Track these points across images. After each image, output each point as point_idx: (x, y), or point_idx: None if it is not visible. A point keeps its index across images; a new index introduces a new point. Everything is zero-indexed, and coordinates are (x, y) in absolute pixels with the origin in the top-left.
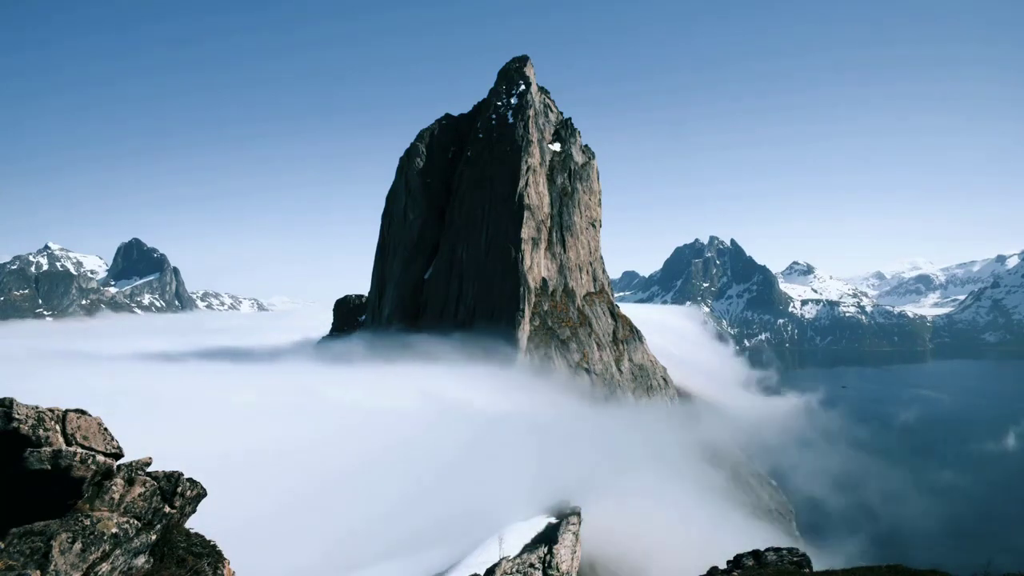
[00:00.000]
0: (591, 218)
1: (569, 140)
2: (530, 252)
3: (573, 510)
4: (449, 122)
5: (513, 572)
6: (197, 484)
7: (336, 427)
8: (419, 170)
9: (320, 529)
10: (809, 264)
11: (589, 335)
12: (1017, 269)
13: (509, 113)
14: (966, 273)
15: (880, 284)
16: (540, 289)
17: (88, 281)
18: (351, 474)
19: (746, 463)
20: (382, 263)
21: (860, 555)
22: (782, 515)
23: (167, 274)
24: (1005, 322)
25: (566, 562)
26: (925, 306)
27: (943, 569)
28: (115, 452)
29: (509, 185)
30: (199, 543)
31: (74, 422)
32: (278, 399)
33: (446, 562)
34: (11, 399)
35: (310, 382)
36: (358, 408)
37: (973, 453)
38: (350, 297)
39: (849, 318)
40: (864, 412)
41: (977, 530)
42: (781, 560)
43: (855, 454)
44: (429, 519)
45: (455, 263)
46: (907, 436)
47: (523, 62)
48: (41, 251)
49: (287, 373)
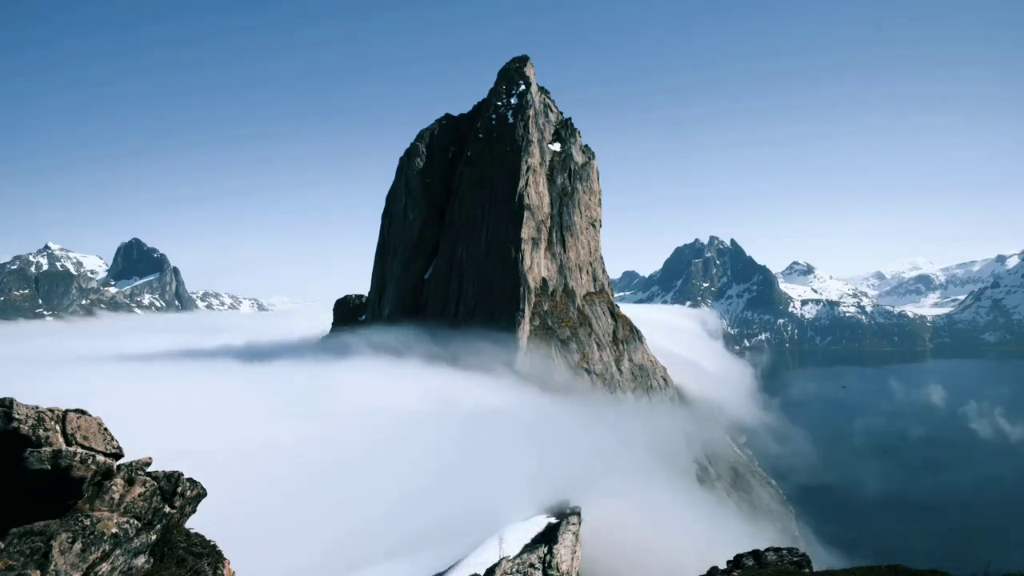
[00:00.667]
0: (591, 218)
1: (569, 140)
2: (530, 252)
3: (573, 510)
4: (449, 122)
5: (513, 572)
6: (197, 484)
7: (336, 427)
8: (419, 170)
9: (320, 529)
10: (809, 264)
11: (589, 335)
12: (1017, 269)
13: (509, 113)
14: (966, 273)
15: (880, 284)
16: (540, 289)
17: (88, 281)
18: (351, 474)
19: (746, 463)
20: (382, 263)
21: (860, 555)
22: (782, 515)
23: (167, 274)
24: (1005, 322)
25: (566, 562)
26: (925, 306)
27: (943, 569)
28: (115, 452)
29: (509, 185)
30: (199, 543)
31: (74, 422)
32: (278, 400)
33: (446, 562)
34: (11, 399)
35: (310, 383)
36: (358, 408)
37: (973, 453)
38: (350, 297)
39: (849, 318)
40: (864, 412)
41: (977, 530)
42: (781, 560)
43: (855, 454)
44: (429, 519)
45: (455, 263)
46: (907, 436)
47: (523, 62)
48: (41, 251)
49: (287, 374)
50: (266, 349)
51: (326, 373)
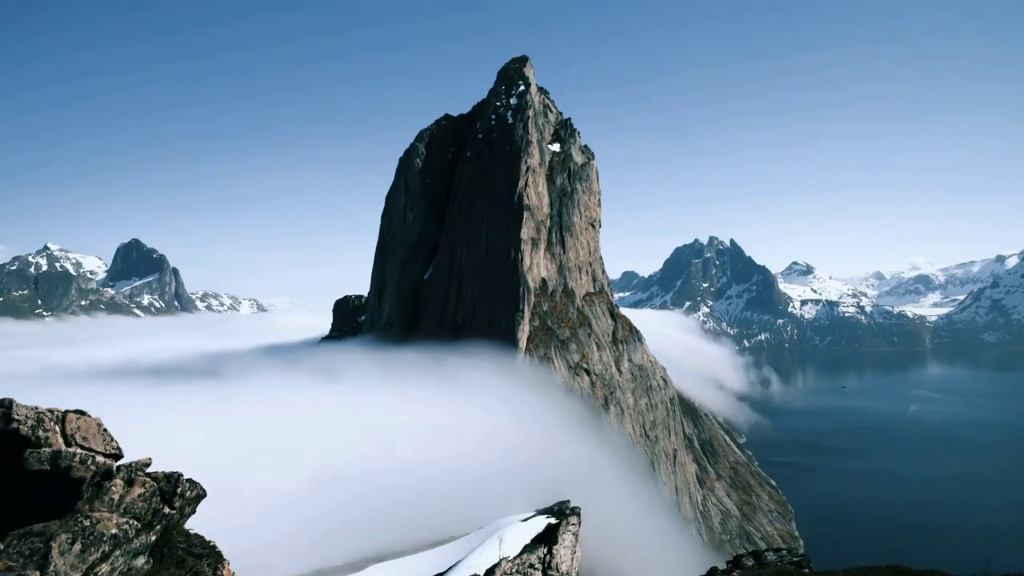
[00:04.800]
0: (591, 218)
1: (568, 140)
2: (530, 252)
3: (573, 510)
4: (449, 122)
5: (513, 572)
6: (196, 485)
7: (335, 428)
8: (419, 170)
9: (320, 530)
10: (809, 264)
11: (589, 335)
12: (1017, 269)
13: (509, 113)
14: (966, 273)
15: (880, 284)
16: (540, 289)
17: (87, 282)
18: (351, 474)
19: (746, 463)
20: (382, 263)
21: (860, 555)
22: (782, 515)
23: (167, 275)
24: (1004, 322)
25: (566, 562)
26: (925, 306)
27: (943, 569)
28: (115, 453)
29: (509, 185)
30: (199, 544)
31: (73, 423)
32: (278, 401)
33: (446, 562)
34: (11, 400)
35: (309, 384)
36: (358, 409)
37: (973, 453)
38: (350, 297)
39: (849, 318)
40: (863, 412)
41: (977, 530)
42: (781, 560)
43: (854, 454)
44: (429, 519)
45: (455, 263)
46: (906, 436)
47: (522, 62)
48: (40, 251)
49: (286, 375)
50: (266, 350)
51: (326, 375)
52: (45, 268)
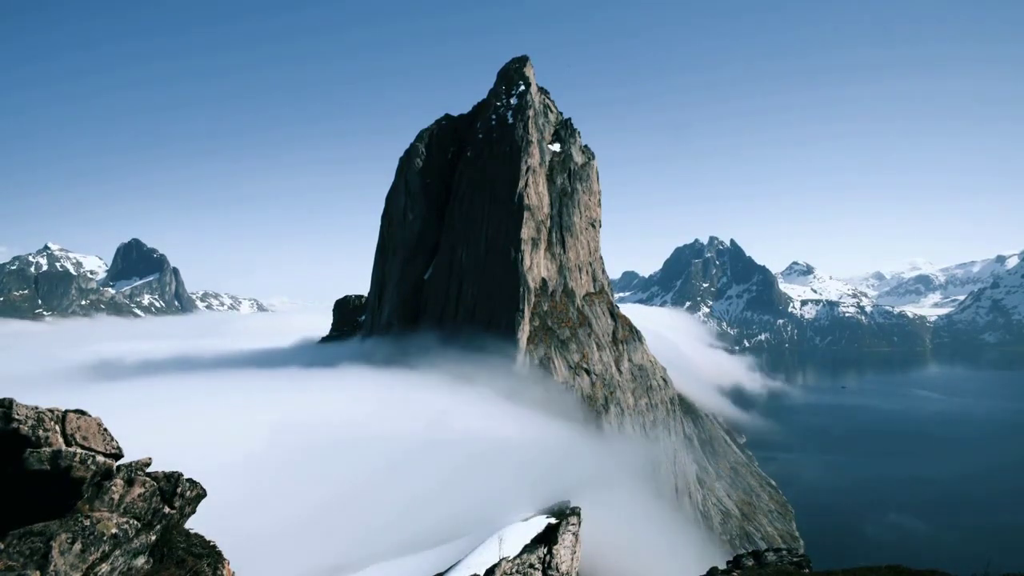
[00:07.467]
0: (591, 218)
1: (569, 140)
2: (530, 252)
3: (573, 510)
4: (449, 122)
5: (513, 572)
6: (197, 484)
7: (335, 428)
8: (419, 170)
9: (319, 531)
10: (809, 264)
11: (589, 335)
12: (1017, 269)
13: (509, 113)
14: (966, 273)
15: (880, 284)
16: (540, 289)
17: (88, 282)
18: (350, 475)
19: (746, 463)
20: (382, 263)
21: (860, 555)
22: (782, 515)
23: (167, 274)
24: (1005, 322)
25: (566, 562)
26: (925, 306)
27: (943, 569)
28: (115, 452)
29: (509, 185)
30: (199, 543)
31: (74, 422)
32: (277, 401)
33: (446, 562)
34: (11, 399)
35: (309, 385)
36: (358, 409)
37: (972, 453)
38: (350, 297)
39: (849, 318)
40: (863, 412)
41: (977, 530)
42: (781, 560)
43: (854, 454)
44: (430, 520)
45: (455, 263)
46: (906, 436)
47: (523, 62)
48: (41, 251)
49: (287, 377)
50: (266, 350)
51: (326, 375)
52: (45, 268)
